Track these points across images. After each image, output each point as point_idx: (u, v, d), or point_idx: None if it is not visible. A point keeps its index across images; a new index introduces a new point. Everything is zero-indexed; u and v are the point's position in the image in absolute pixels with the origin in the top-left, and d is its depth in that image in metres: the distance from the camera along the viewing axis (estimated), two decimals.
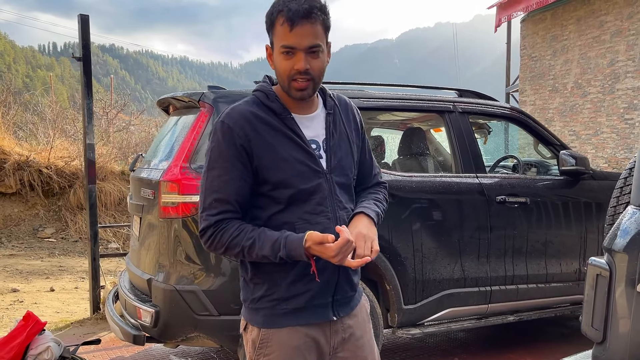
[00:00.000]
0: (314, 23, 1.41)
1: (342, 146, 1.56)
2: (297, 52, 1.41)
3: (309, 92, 1.47)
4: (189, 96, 3.27)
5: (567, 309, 3.95)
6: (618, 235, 1.64)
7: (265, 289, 1.50)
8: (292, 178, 1.46)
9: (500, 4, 11.08)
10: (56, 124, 11.66)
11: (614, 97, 9.08)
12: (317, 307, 1.51)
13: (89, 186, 4.67)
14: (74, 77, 63.70)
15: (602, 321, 1.66)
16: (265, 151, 1.45)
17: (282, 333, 1.49)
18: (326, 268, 1.48)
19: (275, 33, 1.43)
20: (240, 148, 1.44)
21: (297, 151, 1.48)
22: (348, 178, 1.57)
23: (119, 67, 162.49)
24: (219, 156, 1.46)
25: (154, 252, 3.09)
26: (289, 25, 1.39)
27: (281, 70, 1.45)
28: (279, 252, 1.39)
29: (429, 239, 3.36)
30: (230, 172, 1.45)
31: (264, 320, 1.50)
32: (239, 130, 1.44)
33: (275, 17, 1.42)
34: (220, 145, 1.45)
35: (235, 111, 1.47)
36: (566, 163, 3.77)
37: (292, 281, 1.48)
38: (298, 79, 1.43)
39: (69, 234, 9.99)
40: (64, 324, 4.65)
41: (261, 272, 1.50)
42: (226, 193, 1.45)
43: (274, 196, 1.47)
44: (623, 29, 8.86)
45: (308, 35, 1.41)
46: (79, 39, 4.58)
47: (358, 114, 1.66)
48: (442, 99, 3.75)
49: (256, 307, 1.51)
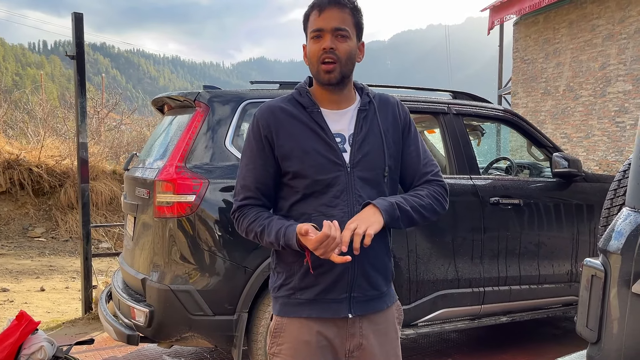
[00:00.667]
0: (343, 10, 1.51)
1: (371, 141, 1.55)
2: (325, 34, 1.50)
3: (336, 75, 1.50)
4: (185, 96, 3.26)
5: (559, 310, 3.99)
6: (613, 237, 1.65)
7: (284, 278, 1.56)
8: (309, 168, 1.50)
9: (493, 6, 11.15)
10: (47, 122, 11.57)
11: (605, 100, 9.16)
12: (332, 302, 1.51)
13: (82, 185, 4.64)
14: (64, 75, 63.22)
15: (596, 321, 1.67)
16: (286, 141, 1.52)
17: (294, 324, 1.53)
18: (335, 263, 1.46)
19: (308, 25, 1.54)
20: (265, 139, 1.53)
21: (318, 143, 1.51)
22: (376, 174, 1.54)
23: (110, 65, 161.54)
24: (248, 147, 1.57)
25: (148, 252, 3.08)
26: (318, 12, 1.51)
27: (311, 54, 1.52)
28: (280, 241, 1.46)
29: (423, 240, 3.38)
30: (254, 162, 1.55)
31: (280, 309, 1.57)
32: (264, 122, 1.54)
33: (310, 12, 1.54)
34: (249, 137, 1.57)
35: (265, 106, 1.57)
36: (559, 165, 3.80)
37: (305, 272, 1.51)
38: (325, 59, 1.49)
39: (59, 233, 9.92)
40: (55, 323, 4.61)
41: (282, 261, 1.57)
42: (249, 181, 1.56)
43: (293, 185, 1.53)
44: (615, 32, 8.94)
45: (335, 18, 1.49)
46: (73, 37, 4.55)
47: (402, 111, 1.64)
48: (437, 100, 3.77)
49: (276, 296, 1.59)
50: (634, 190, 1.63)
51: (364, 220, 1.42)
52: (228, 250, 2.93)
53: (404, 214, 1.50)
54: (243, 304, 2.93)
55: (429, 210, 1.56)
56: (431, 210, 1.56)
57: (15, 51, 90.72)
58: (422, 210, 1.54)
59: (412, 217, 1.52)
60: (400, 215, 1.49)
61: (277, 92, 3.35)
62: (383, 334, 1.59)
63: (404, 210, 1.50)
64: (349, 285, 1.52)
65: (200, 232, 2.92)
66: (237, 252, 2.93)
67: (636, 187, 1.62)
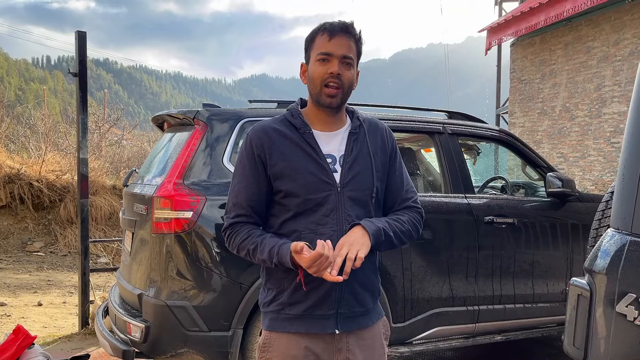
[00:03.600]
0: (350, 38, 1.58)
1: (361, 163, 1.61)
2: (333, 59, 1.56)
3: (337, 101, 1.58)
4: (184, 113, 3.32)
5: (554, 329, 3.99)
6: (598, 257, 1.69)
7: (275, 294, 1.60)
8: (300, 187, 1.55)
9: (491, 28, 11.30)
10: (48, 137, 11.65)
11: (600, 121, 9.25)
12: (320, 318, 1.57)
13: (81, 200, 4.68)
14: (66, 90, 63.62)
15: (583, 340, 1.71)
16: (279, 160, 1.57)
17: (282, 339, 1.58)
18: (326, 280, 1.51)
19: (314, 46, 1.59)
20: (257, 158, 1.58)
21: (310, 163, 1.57)
22: (364, 194, 1.60)
23: (112, 81, 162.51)
24: (240, 166, 1.62)
25: (145, 267, 3.11)
26: (328, 36, 1.56)
27: (315, 75, 1.57)
28: (273, 259, 1.50)
29: (418, 258, 3.41)
30: (246, 180, 1.59)
31: (269, 324, 1.61)
32: (257, 142, 1.58)
33: (316, 33, 1.59)
34: (242, 156, 1.62)
35: (258, 126, 1.62)
36: (553, 185, 3.84)
37: (295, 288, 1.56)
38: (330, 83, 1.56)
39: (58, 247, 9.92)
40: (52, 338, 4.62)
41: (273, 277, 1.61)
42: (242, 198, 1.60)
43: (284, 204, 1.58)
44: (609, 55, 9.06)
45: (344, 45, 1.57)
46: (76, 54, 4.63)
47: (390, 137, 1.72)
48: (432, 120, 3.83)
49: (265, 311, 1.63)
50: (618, 211, 1.67)
51: (355, 243, 1.49)
52: (224, 267, 2.96)
53: (387, 238, 1.58)
54: (238, 320, 2.95)
55: (407, 236, 1.65)
56: (409, 237, 1.65)
57: (19, 66, 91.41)
58: (402, 236, 1.63)
59: (393, 242, 1.61)
60: (384, 240, 1.57)
61: (274, 111, 3.41)
62: (370, 349, 1.63)
63: (388, 236, 1.58)
64: (337, 301, 1.56)
65: (197, 248, 2.96)
66: (232, 268, 2.96)
67: (620, 209, 1.66)
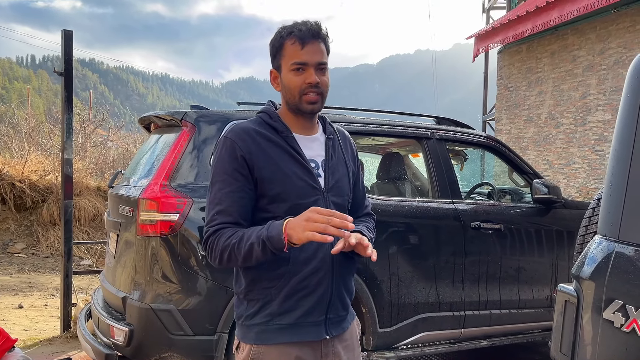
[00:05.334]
0: (321, 43, 1.54)
1: (339, 169, 1.63)
2: (308, 68, 1.52)
3: (318, 107, 1.56)
4: (172, 115, 3.29)
5: (539, 335, 4.02)
6: (585, 263, 1.70)
7: (260, 305, 1.51)
8: (290, 192, 1.50)
9: (479, 35, 11.41)
10: (32, 137, 11.48)
11: (585, 129, 9.37)
12: (311, 325, 1.53)
13: (65, 202, 4.61)
14: (51, 90, 62.90)
15: (570, 346, 1.71)
16: (266, 164, 1.50)
17: (272, 351, 1.50)
18: (321, 284, 1.52)
19: (285, 53, 1.53)
20: (242, 160, 1.48)
21: (297, 167, 1.53)
22: (344, 199, 1.62)
23: (98, 81, 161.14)
24: (222, 170, 1.50)
25: (129, 270, 3.07)
26: (300, 44, 1.51)
27: (292, 86, 1.53)
28: (262, 235, 1.39)
29: (405, 263, 3.41)
30: (231, 185, 1.48)
31: (257, 337, 1.50)
32: (240, 143, 1.49)
33: (284, 40, 1.52)
34: (223, 159, 1.50)
35: (238, 127, 1.54)
36: (539, 191, 3.87)
37: (286, 296, 1.50)
38: (309, 92, 1.52)
39: (40, 249, 9.76)
40: (33, 341, 4.53)
41: (256, 287, 1.51)
42: (227, 204, 1.48)
43: (269, 210, 1.50)
44: (595, 63, 9.19)
45: (317, 52, 1.52)
46: (62, 54, 4.57)
47: (354, 146, 1.75)
48: (420, 125, 3.83)
49: (250, 324, 1.52)
50: (605, 218, 1.68)
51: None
52: (210, 270, 2.93)
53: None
54: (224, 324, 2.92)
55: (372, 241, 1.64)
56: (372, 242, 1.63)
57: (3, 65, 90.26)
58: (372, 242, 1.63)
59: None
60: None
61: None
62: (351, 349, 1.63)
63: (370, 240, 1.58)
64: (327, 307, 1.55)
65: (182, 251, 2.93)
66: (218, 272, 2.93)
67: (607, 216, 1.67)
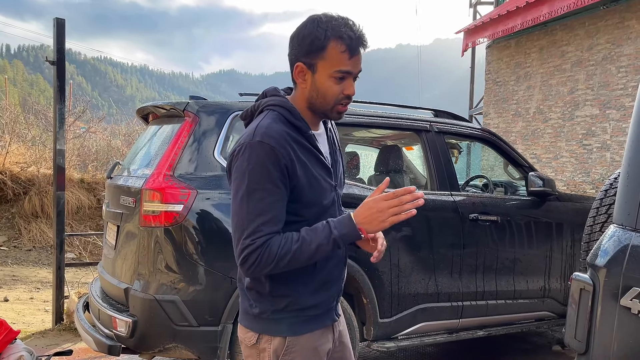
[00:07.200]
0: (362, 51, 1.48)
1: (339, 162, 1.66)
2: (349, 77, 1.47)
3: (343, 116, 1.55)
4: (173, 105, 3.25)
5: (533, 325, 4.09)
6: (601, 252, 1.74)
7: (289, 300, 1.52)
8: (319, 196, 1.51)
9: (468, 29, 11.47)
10: (13, 128, 11.24)
11: (573, 123, 9.52)
12: (330, 310, 1.63)
13: (57, 193, 4.54)
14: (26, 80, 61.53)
15: (585, 333, 1.75)
16: (302, 171, 1.46)
17: (304, 338, 1.56)
18: (340, 274, 1.62)
19: (328, 56, 1.44)
20: (284, 168, 1.42)
21: (322, 168, 1.53)
22: (342, 192, 1.68)
23: (75, 72, 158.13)
24: (263, 178, 1.40)
25: (132, 261, 3.04)
26: (349, 53, 1.44)
27: (329, 93, 1.47)
28: (332, 235, 1.41)
29: (405, 254, 3.43)
30: (275, 194, 1.42)
31: (289, 329, 1.53)
32: (282, 151, 1.41)
33: (329, 40, 1.43)
34: (265, 166, 1.40)
35: (273, 131, 1.43)
36: (534, 184, 3.93)
37: (314, 290, 1.55)
38: (343, 102, 1.50)
39: (22, 242, 9.59)
40: (25, 334, 4.47)
41: (283, 285, 1.51)
42: (273, 214, 1.42)
43: (301, 214, 1.49)
44: (583, 59, 9.33)
45: (360, 62, 1.48)
46: (54, 42, 4.48)
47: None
48: (420, 118, 3.86)
49: (278, 318, 1.53)
50: (622, 207, 1.72)
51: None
52: (214, 261, 2.92)
53: None
54: (228, 315, 2.91)
55: None
56: None
57: None
58: None
59: None
60: None
61: None
62: (342, 323, 1.74)
63: None
64: (339, 292, 1.66)
65: (186, 242, 2.91)
66: (223, 263, 2.92)
67: (624, 205, 1.71)
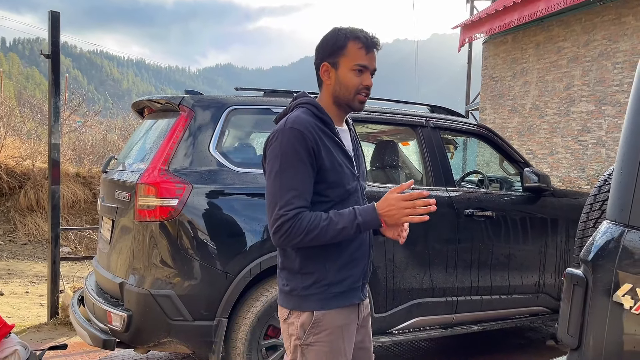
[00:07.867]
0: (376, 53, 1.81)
1: (361, 157, 1.90)
2: (366, 72, 1.77)
3: (364, 106, 1.81)
4: (169, 99, 3.24)
5: (527, 320, 4.11)
6: (594, 248, 1.74)
7: (316, 277, 1.72)
8: (343, 179, 1.75)
9: (465, 25, 11.47)
10: (8, 122, 11.19)
11: (569, 119, 9.54)
12: (356, 289, 1.80)
13: (52, 187, 4.53)
14: (22, 74, 61.20)
15: (577, 328, 1.76)
16: (327, 154, 1.71)
17: (331, 314, 1.73)
18: (364, 255, 1.80)
19: (348, 53, 1.75)
20: (311, 150, 1.67)
21: (344, 157, 1.77)
22: (365, 184, 1.89)
23: (71, 66, 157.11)
24: (295, 157, 1.65)
25: (127, 256, 3.04)
26: (365, 49, 1.76)
27: (351, 84, 1.76)
28: (356, 220, 1.65)
29: (401, 249, 3.44)
30: (304, 172, 1.66)
31: (317, 304, 1.72)
32: (309, 135, 1.67)
33: (348, 40, 1.75)
34: (294, 147, 1.65)
35: (302, 119, 1.70)
36: (530, 180, 3.94)
37: (339, 267, 1.74)
38: (363, 92, 1.78)
39: (17, 236, 9.57)
40: (20, 328, 4.47)
41: (311, 262, 1.73)
42: (303, 189, 1.66)
43: (327, 194, 1.72)
44: (579, 55, 9.34)
45: (375, 60, 1.79)
46: (49, 36, 4.46)
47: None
48: (416, 113, 3.86)
49: (307, 294, 1.73)
50: (616, 203, 1.72)
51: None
52: (209, 256, 2.92)
53: None
54: (223, 309, 2.92)
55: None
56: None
57: None
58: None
59: None
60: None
61: (260, 100, 3.37)
62: (367, 309, 1.93)
63: None
64: (364, 274, 1.83)
65: (182, 236, 2.91)
66: (218, 257, 2.93)
67: (617, 201, 1.71)
